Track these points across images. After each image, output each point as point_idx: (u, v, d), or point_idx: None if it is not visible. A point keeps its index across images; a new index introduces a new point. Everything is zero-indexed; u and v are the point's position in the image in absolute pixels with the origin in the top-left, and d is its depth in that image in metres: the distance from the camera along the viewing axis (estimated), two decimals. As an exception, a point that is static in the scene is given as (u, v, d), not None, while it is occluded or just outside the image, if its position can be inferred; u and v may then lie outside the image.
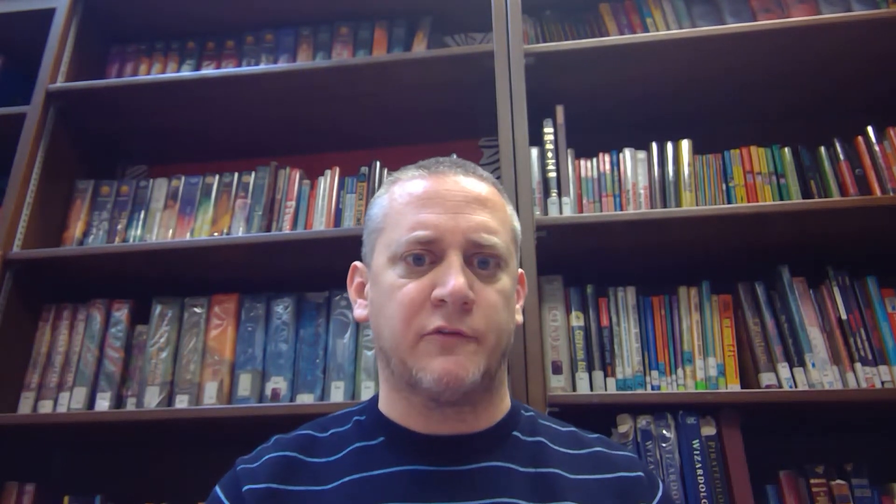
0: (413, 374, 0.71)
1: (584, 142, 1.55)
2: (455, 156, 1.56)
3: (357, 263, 0.84)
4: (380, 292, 0.75)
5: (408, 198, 0.77)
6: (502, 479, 0.72)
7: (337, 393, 1.40)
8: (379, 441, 0.76)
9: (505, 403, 0.80)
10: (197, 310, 1.52)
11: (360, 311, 0.81)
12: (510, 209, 0.82)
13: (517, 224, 0.82)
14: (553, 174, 1.48)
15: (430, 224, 0.73)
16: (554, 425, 0.83)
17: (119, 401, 1.48)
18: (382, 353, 0.76)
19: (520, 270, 0.83)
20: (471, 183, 0.78)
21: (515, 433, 0.78)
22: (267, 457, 0.77)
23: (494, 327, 0.72)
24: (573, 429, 0.83)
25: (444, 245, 0.72)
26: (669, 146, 1.51)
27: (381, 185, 1.55)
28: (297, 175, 1.64)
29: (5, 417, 1.42)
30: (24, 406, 1.47)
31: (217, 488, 0.77)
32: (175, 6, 1.81)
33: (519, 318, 0.81)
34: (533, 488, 0.72)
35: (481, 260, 0.73)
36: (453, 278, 0.69)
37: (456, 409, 0.74)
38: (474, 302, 0.71)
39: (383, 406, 0.79)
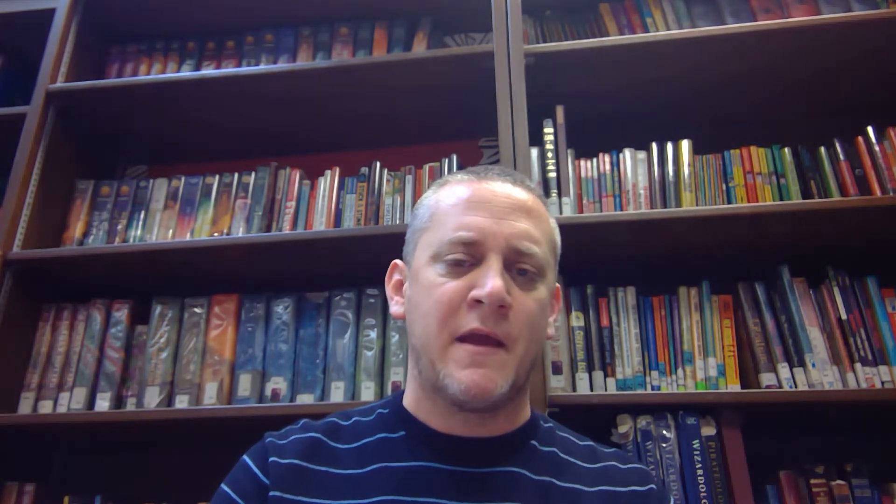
0: (440, 378, 0.72)
1: (584, 142, 1.55)
2: (455, 157, 1.58)
3: (397, 261, 0.85)
4: (418, 289, 0.76)
5: (455, 200, 0.78)
6: (516, 485, 0.73)
7: (337, 393, 1.40)
8: (399, 435, 0.78)
9: (525, 411, 0.82)
10: (197, 310, 1.52)
11: (395, 307, 0.82)
12: (553, 222, 0.83)
13: (558, 238, 0.84)
14: (553, 174, 1.48)
15: (474, 226, 0.74)
16: (571, 437, 0.84)
17: (119, 401, 1.48)
18: (414, 350, 0.77)
19: (556, 285, 0.84)
20: (517, 191, 0.79)
21: (533, 442, 0.79)
22: (295, 436, 0.79)
23: (527, 336, 0.73)
24: (591, 443, 0.84)
25: (486, 248, 0.73)
26: (669, 146, 1.51)
27: (380, 185, 1.57)
28: (297, 175, 1.64)
29: (5, 417, 1.42)
30: (24, 406, 1.47)
31: (244, 456, 0.79)
32: (175, 6, 1.81)
33: (551, 330, 0.82)
34: (544, 497, 0.73)
35: (520, 269, 0.74)
36: (492, 280, 0.70)
37: (479, 416, 0.75)
38: (510, 307, 0.71)
39: (408, 402, 0.80)
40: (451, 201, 0.78)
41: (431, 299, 0.73)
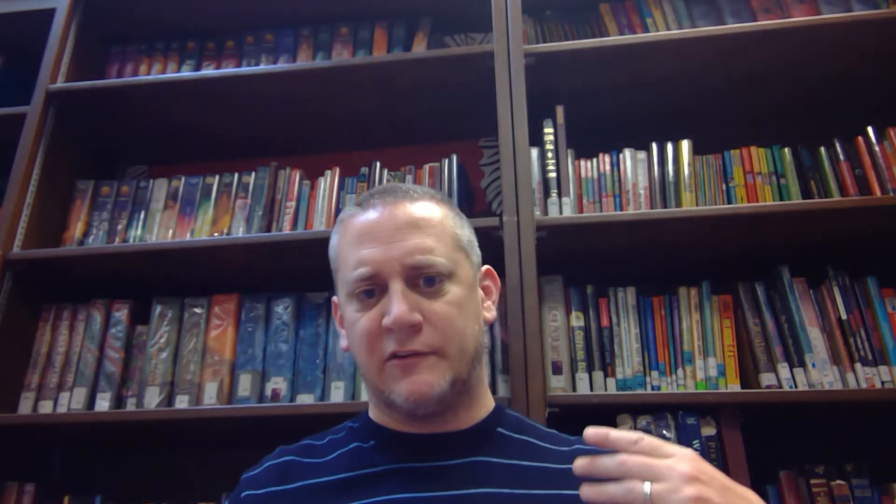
0: (387, 396, 0.77)
1: (584, 142, 1.55)
2: (455, 157, 1.58)
3: (335, 298, 0.89)
4: (347, 326, 0.82)
5: (347, 237, 0.82)
6: (485, 472, 0.76)
7: (337, 393, 1.40)
8: (370, 444, 0.81)
9: (487, 402, 0.85)
10: (197, 310, 1.51)
11: (343, 341, 0.86)
12: (453, 218, 0.84)
13: (462, 230, 0.85)
14: (553, 174, 1.48)
15: (368, 259, 0.77)
16: (537, 425, 0.87)
17: (119, 401, 1.47)
18: (363, 376, 0.82)
19: (485, 267, 0.88)
20: (401, 208, 0.81)
21: (500, 429, 0.82)
22: (268, 463, 0.83)
23: (453, 337, 0.77)
24: (554, 431, 0.87)
25: (385, 276, 0.76)
26: (669, 146, 1.51)
27: (380, 185, 1.57)
28: (297, 175, 1.64)
29: (5, 417, 1.42)
30: (24, 406, 1.47)
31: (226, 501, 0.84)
32: (175, 6, 1.81)
33: (489, 315, 0.86)
34: (520, 478, 0.76)
35: (426, 278, 0.77)
36: (395, 306, 0.74)
37: (436, 417, 0.79)
38: (421, 322, 0.75)
39: (373, 415, 0.85)
40: (345, 239, 0.82)
41: (355, 335, 0.78)
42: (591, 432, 0.63)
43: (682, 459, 0.60)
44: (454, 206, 0.87)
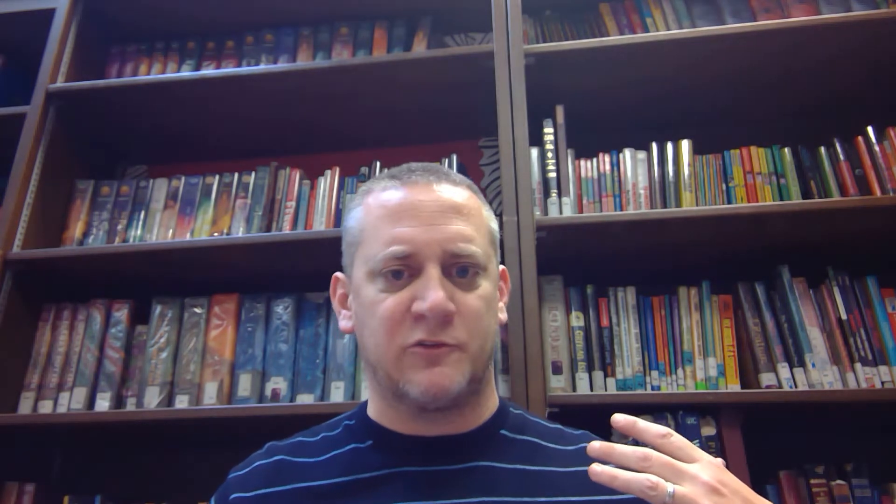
0: (400, 387, 0.72)
1: (584, 142, 1.55)
2: (455, 157, 1.57)
3: (339, 274, 0.84)
4: (361, 307, 0.76)
5: (382, 210, 0.76)
6: (489, 478, 0.73)
7: (337, 393, 1.40)
8: (368, 444, 0.78)
9: (492, 402, 0.81)
10: (197, 310, 1.52)
11: (345, 322, 0.81)
12: (486, 210, 0.81)
13: (494, 224, 0.82)
14: (553, 174, 1.48)
15: (406, 238, 0.72)
16: (541, 422, 0.84)
17: (119, 401, 1.48)
18: (369, 364, 0.77)
19: (501, 267, 0.84)
20: (445, 190, 0.77)
21: (503, 431, 0.79)
22: (257, 463, 0.79)
23: (478, 334, 0.73)
24: (559, 426, 0.84)
25: (422, 258, 0.72)
26: (669, 146, 1.51)
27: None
28: (297, 175, 1.64)
29: (5, 417, 1.42)
30: (24, 406, 1.47)
31: (211, 499, 0.80)
32: (175, 6, 1.81)
33: (503, 315, 0.81)
34: (523, 485, 0.73)
35: (460, 269, 0.73)
36: (432, 292, 0.70)
37: (443, 414, 0.75)
38: (455, 313, 0.71)
39: (372, 412, 0.80)
40: (378, 213, 0.76)
41: (376, 317, 0.73)
42: (620, 419, 0.62)
43: (707, 468, 0.59)
44: (485, 200, 0.84)
